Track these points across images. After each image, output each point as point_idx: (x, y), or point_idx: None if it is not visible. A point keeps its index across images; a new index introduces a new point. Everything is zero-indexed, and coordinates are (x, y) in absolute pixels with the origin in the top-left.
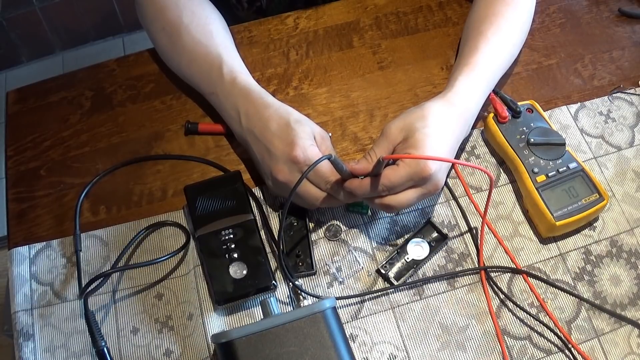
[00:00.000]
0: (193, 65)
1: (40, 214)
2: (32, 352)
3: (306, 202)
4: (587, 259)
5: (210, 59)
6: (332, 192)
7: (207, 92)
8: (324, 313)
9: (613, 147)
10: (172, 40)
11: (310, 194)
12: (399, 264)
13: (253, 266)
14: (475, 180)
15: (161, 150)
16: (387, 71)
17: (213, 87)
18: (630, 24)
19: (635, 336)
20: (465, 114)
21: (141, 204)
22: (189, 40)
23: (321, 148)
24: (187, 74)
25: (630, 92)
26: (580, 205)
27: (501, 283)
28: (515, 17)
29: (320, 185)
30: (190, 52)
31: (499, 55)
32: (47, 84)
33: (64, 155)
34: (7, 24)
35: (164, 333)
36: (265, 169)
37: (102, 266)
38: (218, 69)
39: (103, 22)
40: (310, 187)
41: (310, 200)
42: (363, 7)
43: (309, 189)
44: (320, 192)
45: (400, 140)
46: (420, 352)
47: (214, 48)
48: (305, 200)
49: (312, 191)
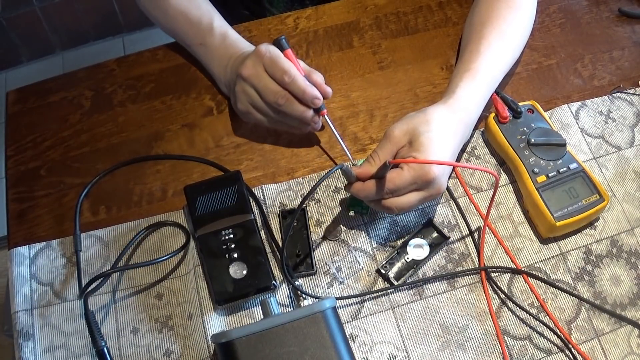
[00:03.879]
0: (180, 17)
1: (40, 214)
2: (32, 352)
3: (268, 98)
4: (588, 259)
5: (200, 13)
6: (291, 88)
7: (194, 43)
8: (324, 313)
9: (613, 147)
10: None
11: (269, 88)
12: (399, 264)
13: (253, 266)
14: (476, 181)
15: (161, 150)
16: (387, 71)
17: (202, 38)
18: (630, 24)
19: (635, 336)
20: (466, 119)
21: (141, 204)
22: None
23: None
24: (172, 25)
25: (630, 92)
26: (580, 205)
27: (501, 283)
28: (517, 20)
29: (277, 76)
30: (179, 3)
31: (500, 60)
32: (47, 84)
33: (64, 155)
34: (7, 24)
35: (164, 333)
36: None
37: (102, 266)
38: (208, 22)
39: (103, 22)
40: (269, 82)
41: (271, 97)
42: (363, 7)
43: (267, 83)
44: (279, 88)
45: (404, 144)
46: (420, 352)
47: (205, 5)
48: (266, 96)
49: (271, 86)
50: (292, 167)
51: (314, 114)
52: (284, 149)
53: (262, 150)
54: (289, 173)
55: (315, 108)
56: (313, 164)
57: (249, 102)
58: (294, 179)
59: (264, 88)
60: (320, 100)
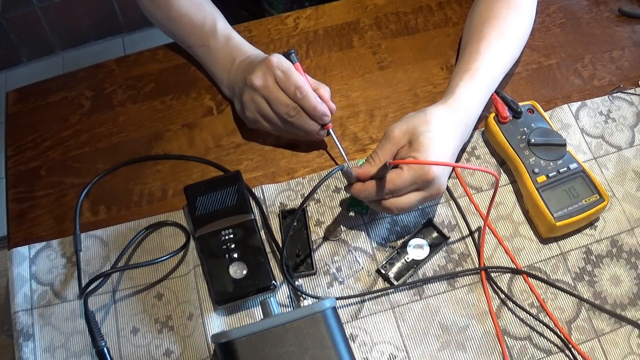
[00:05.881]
0: (183, 19)
1: (40, 214)
2: (32, 352)
3: (280, 110)
4: (588, 259)
5: (204, 15)
6: (301, 102)
7: (197, 44)
8: (324, 313)
9: (613, 147)
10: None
11: (281, 101)
12: (399, 264)
13: (253, 266)
14: (476, 181)
15: (161, 150)
16: (387, 71)
17: (205, 40)
18: (630, 24)
19: (635, 336)
20: (466, 119)
21: (141, 204)
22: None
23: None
24: (174, 26)
25: (630, 92)
26: (580, 205)
27: (501, 283)
28: (517, 20)
29: (289, 91)
30: (182, 6)
31: (500, 60)
32: (47, 84)
33: (64, 155)
34: (7, 24)
35: (164, 333)
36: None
37: (102, 266)
38: (212, 24)
39: (103, 22)
40: (281, 94)
41: (283, 109)
42: (363, 7)
43: (278, 95)
44: (290, 101)
45: (404, 144)
46: (420, 352)
47: (209, 7)
48: (277, 108)
49: (283, 99)
50: (292, 167)
51: (321, 127)
52: (284, 149)
53: (262, 150)
54: (289, 173)
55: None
56: (313, 164)
57: (257, 111)
58: (294, 179)
59: (275, 100)
60: (329, 117)
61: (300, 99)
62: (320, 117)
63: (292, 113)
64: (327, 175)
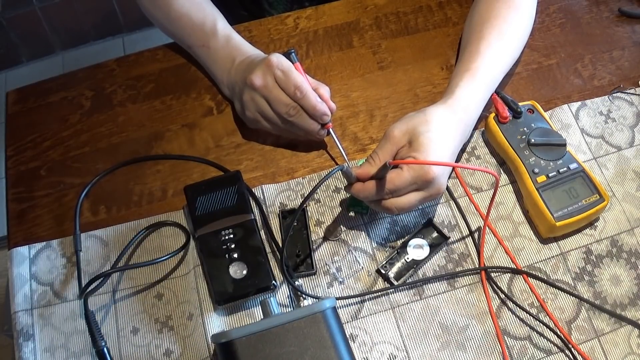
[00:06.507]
0: (183, 19)
1: (40, 214)
2: (32, 352)
3: (280, 110)
4: (588, 259)
5: (204, 15)
6: (301, 101)
7: (197, 44)
8: (324, 313)
9: (613, 147)
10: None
11: (281, 101)
12: (399, 264)
13: (253, 266)
14: (476, 181)
15: (161, 150)
16: (387, 71)
17: (205, 40)
18: (630, 24)
19: (635, 336)
20: (466, 119)
21: (141, 204)
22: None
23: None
24: (174, 26)
25: (630, 92)
26: (580, 205)
27: (501, 283)
28: (517, 20)
29: (289, 91)
30: (182, 6)
31: (500, 60)
32: (47, 84)
33: (64, 155)
34: (7, 24)
35: (164, 333)
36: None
37: (102, 266)
38: (212, 24)
39: (103, 22)
40: (281, 94)
41: (283, 108)
42: (363, 7)
43: (278, 95)
44: (290, 100)
45: (404, 144)
46: (420, 352)
47: (209, 7)
48: (277, 108)
49: (283, 99)
50: (292, 167)
51: (321, 127)
52: (284, 149)
53: (262, 150)
54: (289, 173)
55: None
56: (313, 164)
57: (257, 110)
58: (294, 179)
59: (275, 99)
60: (329, 116)
61: (300, 98)
62: (320, 117)
63: (292, 112)
64: (327, 175)
